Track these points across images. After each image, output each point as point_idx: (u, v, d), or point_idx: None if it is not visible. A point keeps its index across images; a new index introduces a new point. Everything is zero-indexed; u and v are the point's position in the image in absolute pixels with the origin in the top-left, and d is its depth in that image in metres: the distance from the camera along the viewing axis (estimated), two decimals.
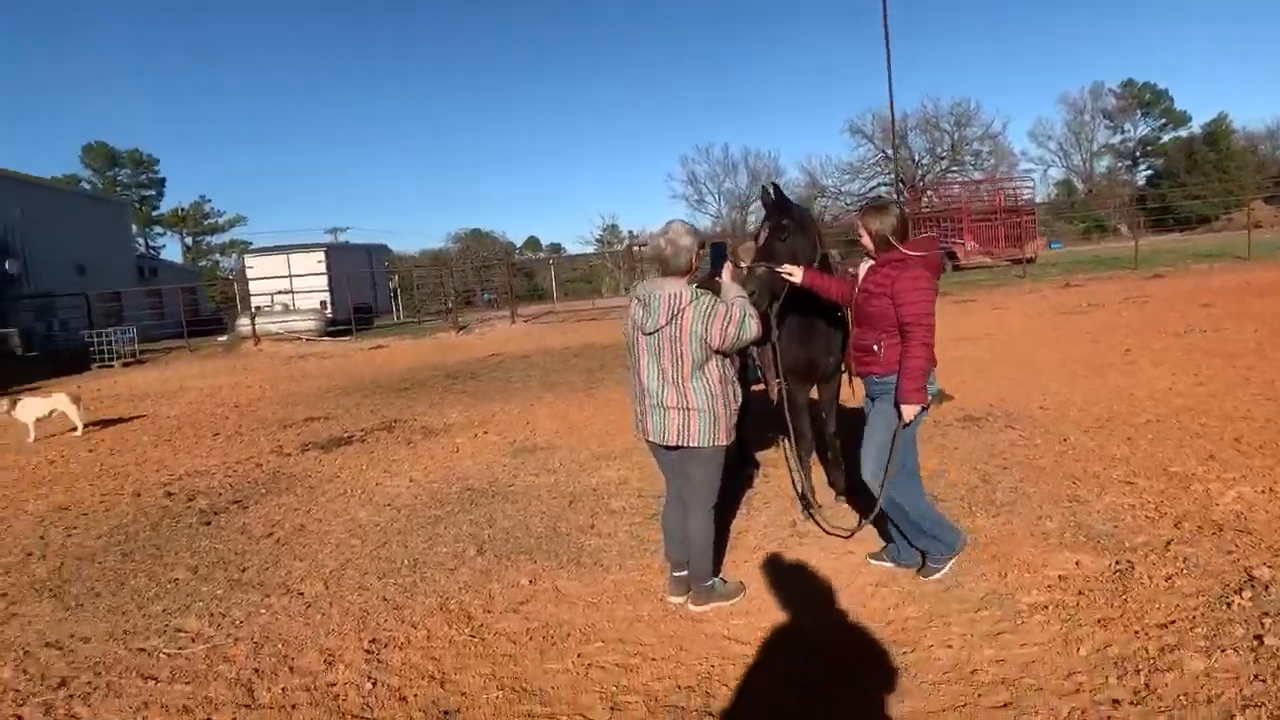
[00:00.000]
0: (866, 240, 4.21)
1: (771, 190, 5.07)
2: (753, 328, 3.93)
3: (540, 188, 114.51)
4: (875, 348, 4.18)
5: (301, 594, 4.97)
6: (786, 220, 4.95)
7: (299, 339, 25.28)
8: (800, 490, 5.63)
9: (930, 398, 4.15)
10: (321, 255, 30.31)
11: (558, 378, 13.31)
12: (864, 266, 4.36)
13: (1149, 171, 78.67)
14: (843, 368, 5.60)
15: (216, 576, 5.40)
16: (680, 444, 4.03)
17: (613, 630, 4.13)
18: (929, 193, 35.89)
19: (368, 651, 4.12)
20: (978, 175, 64.35)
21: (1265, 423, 6.67)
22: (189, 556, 5.86)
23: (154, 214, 74.46)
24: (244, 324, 26.57)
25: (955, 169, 70.45)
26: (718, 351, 3.96)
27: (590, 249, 71.46)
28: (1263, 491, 5.13)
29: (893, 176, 72.12)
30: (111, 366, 22.65)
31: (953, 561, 4.35)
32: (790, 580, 4.56)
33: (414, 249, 74.28)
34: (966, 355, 11.38)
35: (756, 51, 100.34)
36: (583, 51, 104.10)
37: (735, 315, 3.88)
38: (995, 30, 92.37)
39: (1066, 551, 4.52)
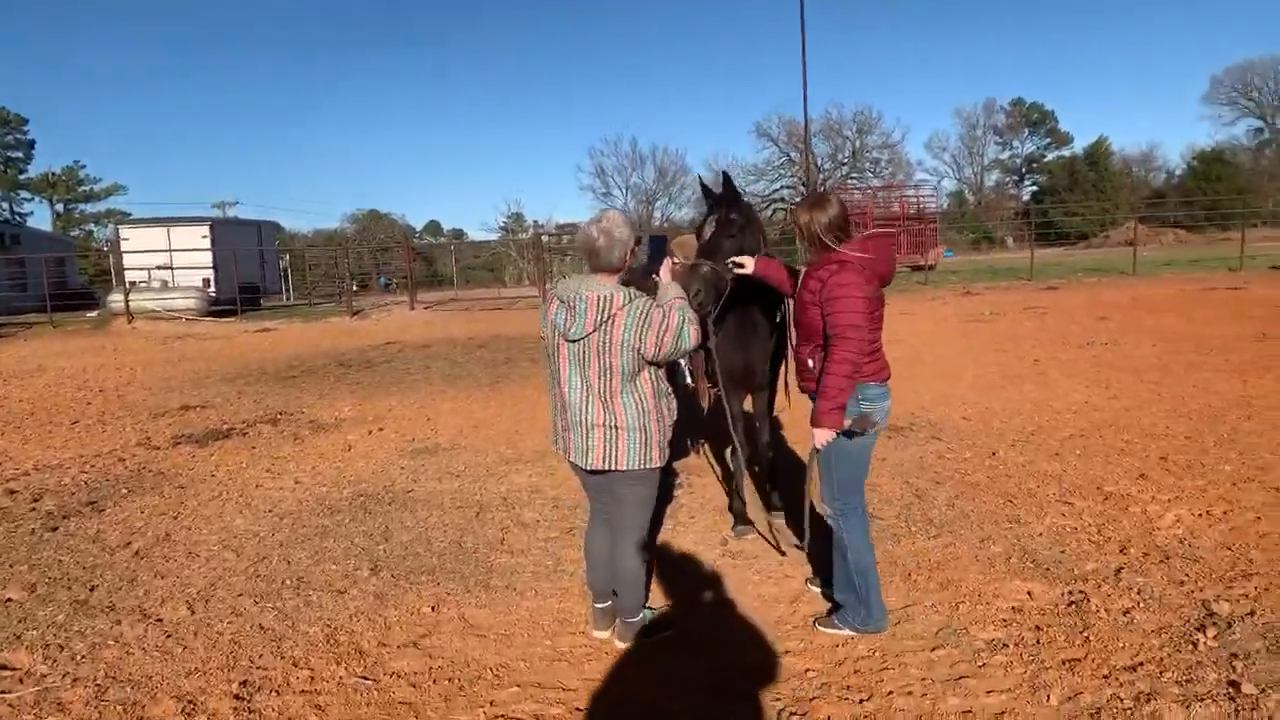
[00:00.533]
0: (800, 238, 3.76)
1: (722, 180, 4.62)
2: (691, 336, 3.40)
3: (444, 172, 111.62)
4: (810, 363, 3.74)
5: (160, 620, 4.26)
6: (735, 215, 4.51)
7: (178, 318, 23.62)
8: (732, 505, 5.22)
9: (850, 420, 3.57)
10: (206, 230, 28.47)
11: (461, 370, 12.61)
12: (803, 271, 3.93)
13: (1034, 187, 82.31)
14: (778, 376, 5.23)
15: (58, 597, 4.62)
16: (606, 467, 3.50)
17: (530, 671, 3.61)
18: (859, 195, 36.17)
19: (237, 697, 3.48)
20: (876, 182, 66.10)
21: (1185, 440, 6.64)
22: (27, 571, 5.03)
23: (20, 178, 69.14)
24: (117, 300, 24.64)
25: (856, 175, 72.28)
26: (651, 362, 3.45)
27: (494, 236, 69.92)
28: (1200, 515, 5.00)
29: (795, 179, 73.66)
30: None
31: (853, 633, 3.77)
32: (726, 609, 4.14)
33: (308, 228, 71.30)
34: None
35: (668, 47, 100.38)
36: (493, 35, 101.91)
37: (673, 323, 3.35)
38: (897, 40, 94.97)
39: (1016, 580, 4.24)
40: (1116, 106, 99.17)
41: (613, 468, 3.48)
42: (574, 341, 3.38)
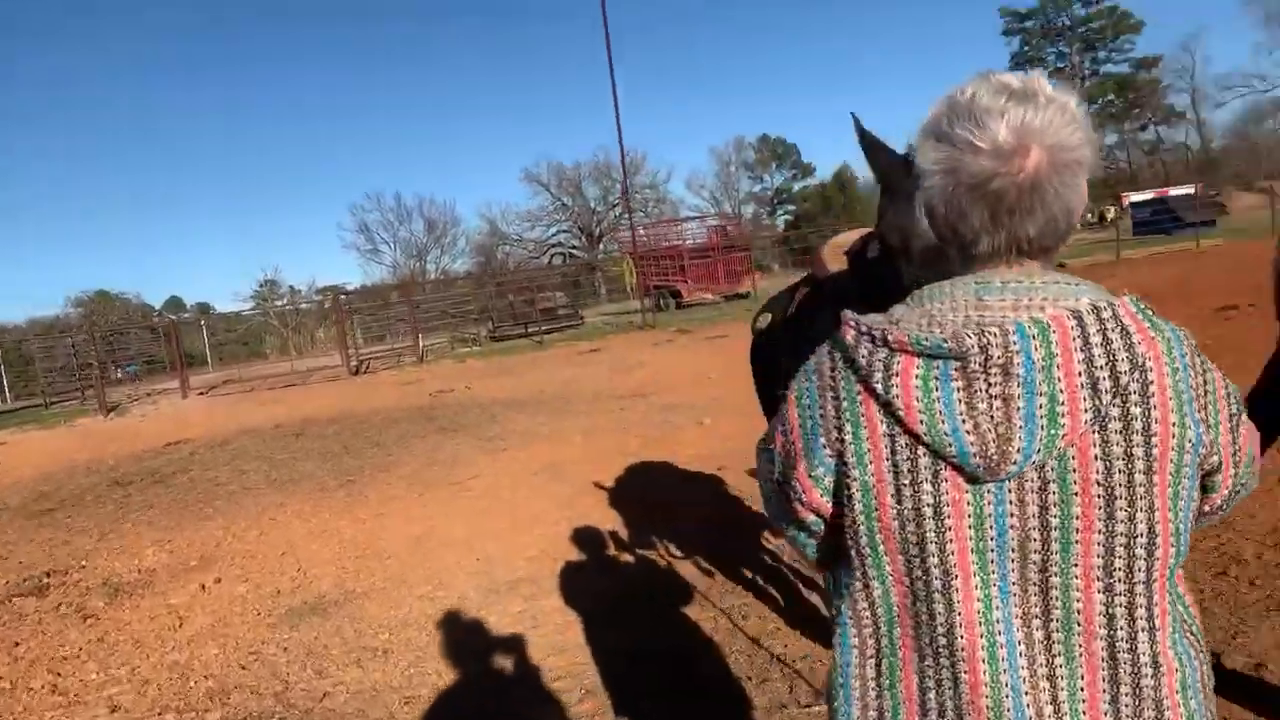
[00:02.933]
0: None
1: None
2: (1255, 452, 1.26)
3: (180, 242, 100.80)
4: None
5: None
6: None
7: None
8: None
9: None
10: None
11: (291, 471, 9.79)
12: None
13: (787, 216, 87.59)
14: None
15: None
16: None
17: None
18: (641, 231, 34.40)
19: None
20: (647, 220, 67.22)
21: None
22: None
23: None
24: None
25: (627, 216, 73.52)
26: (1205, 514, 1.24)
27: (248, 307, 63.09)
28: None
29: (571, 224, 73.75)
30: None
31: None
32: None
33: (21, 317, 61.25)
34: None
35: (428, 93, 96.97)
36: (227, 91, 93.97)
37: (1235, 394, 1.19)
38: (655, 81, 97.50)
39: None
40: (849, 138, 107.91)
41: None
42: (999, 482, 1.09)
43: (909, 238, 2.24)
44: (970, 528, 1.10)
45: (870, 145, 2.44)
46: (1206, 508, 1.20)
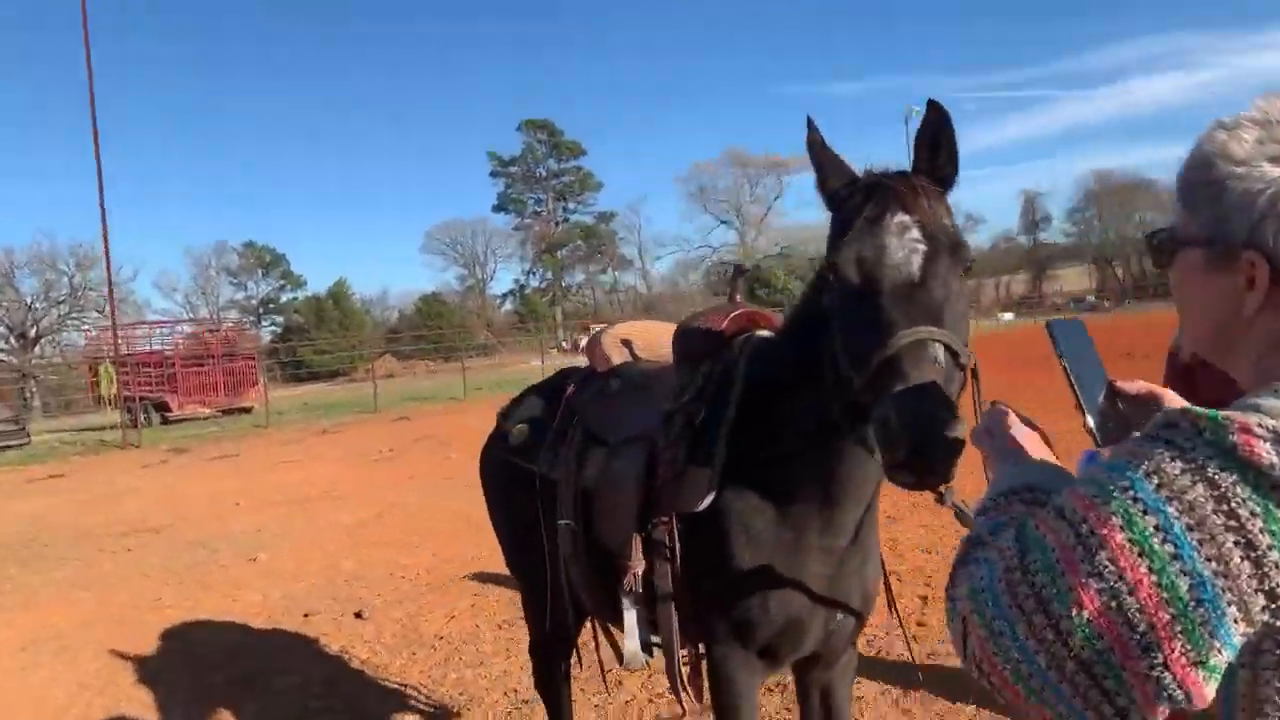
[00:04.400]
0: None
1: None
2: None
3: None
4: None
5: None
6: (950, 221, 1.85)
7: None
8: None
9: None
10: None
11: None
12: None
13: (274, 327, 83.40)
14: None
15: None
16: None
17: None
18: (123, 338, 28.69)
19: None
20: (104, 322, 58.61)
21: None
22: None
23: None
24: None
25: (77, 315, 64.43)
26: None
27: None
28: None
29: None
30: None
31: None
32: None
33: None
34: (343, 521, 8.75)
35: None
36: None
37: None
38: (122, 170, 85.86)
39: None
40: (349, 253, 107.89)
41: None
42: None
43: (874, 270, 1.75)
44: None
45: (825, 158, 1.99)
46: None
